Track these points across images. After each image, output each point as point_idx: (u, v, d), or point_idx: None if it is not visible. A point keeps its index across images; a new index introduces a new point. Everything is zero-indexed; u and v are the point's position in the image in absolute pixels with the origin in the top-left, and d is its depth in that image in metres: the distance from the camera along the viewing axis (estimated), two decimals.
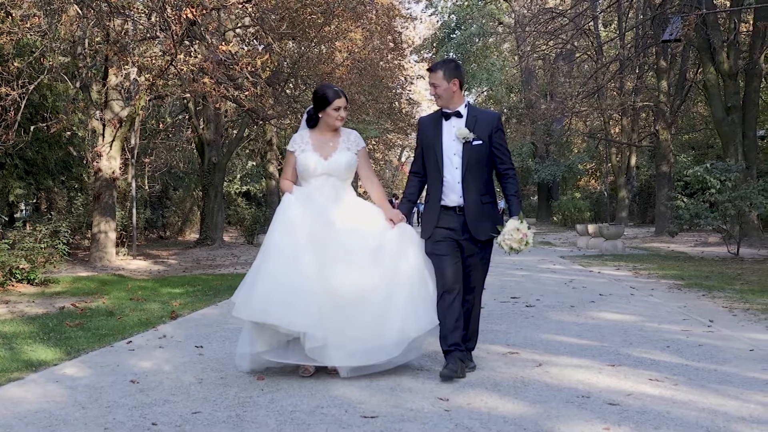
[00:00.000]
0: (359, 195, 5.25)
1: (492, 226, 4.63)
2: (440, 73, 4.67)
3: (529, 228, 4.52)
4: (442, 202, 4.70)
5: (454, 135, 4.67)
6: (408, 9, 25.79)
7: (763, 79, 19.38)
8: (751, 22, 19.01)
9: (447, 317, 4.54)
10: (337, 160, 4.83)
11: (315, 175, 4.81)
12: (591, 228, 18.68)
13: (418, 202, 5.45)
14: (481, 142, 4.64)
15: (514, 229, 4.50)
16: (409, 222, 4.93)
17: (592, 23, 26.99)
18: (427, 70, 4.92)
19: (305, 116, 5.00)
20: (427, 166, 4.82)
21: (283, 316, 4.35)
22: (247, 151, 30.64)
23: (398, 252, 4.66)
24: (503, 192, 4.76)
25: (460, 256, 4.68)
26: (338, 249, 4.61)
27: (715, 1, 19.37)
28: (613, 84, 26.26)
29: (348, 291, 4.54)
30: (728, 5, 18.83)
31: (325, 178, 4.82)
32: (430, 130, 4.80)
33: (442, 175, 4.69)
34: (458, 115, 4.71)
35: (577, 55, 31.37)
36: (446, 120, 4.74)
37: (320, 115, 4.88)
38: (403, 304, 4.54)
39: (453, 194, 4.67)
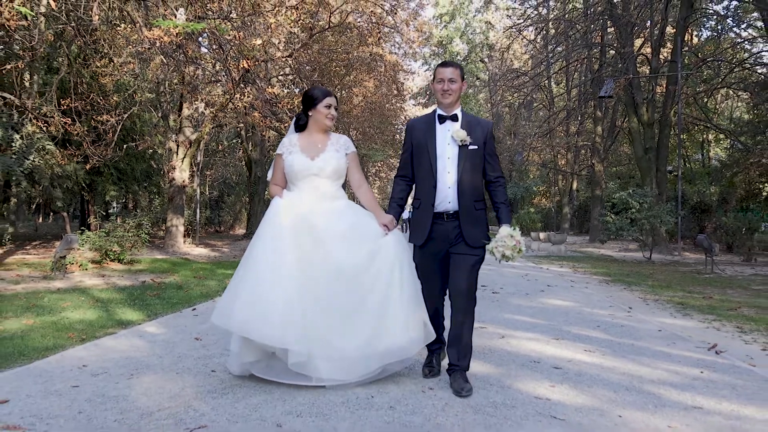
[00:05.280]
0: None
1: (484, 233, 3.48)
2: (459, 70, 3.56)
3: (521, 235, 3.33)
4: (435, 208, 3.49)
5: (449, 138, 3.48)
6: (408, 65, 25.67)
7: (672, 128, 19.38)
8: (665, 85, 19.04)
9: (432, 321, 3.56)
10: (324, 159, 3.61)
11: (302, 176, 3.59)
12: (542, 235, 18.67)
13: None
14: (476, 147, 3.49)
15: (507, 236, 3.37)
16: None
17: (546, 81, 27.07)
18: (441, 65, 3.59)
19: (294, 120, 3.76)
20: (417, 170, 3.58)
21: (262, 331, 3.22)
22: None
23: (392, 259, 3.42)
24: (492, 199, 3.59)
25: (449, 267, 3.52)
26: (326, 255, 3.37)
27: (638, 68, 19.42)
28: (561, 127, 26.27)
29: (336, 300, 3.33)
30: (648, 72, 18.84)
31: (312, 179, 3.59)
32: (421, 132, 3.56)
33: (436, 179, 3.47)
34: (454, 118, 3.53)
35: (535, 104, 31.39)
36: (440, 123, 3.54)
37: (310, 114, 3.68)
38: (394, 314, 3.35)
39: (446, 199, 3.47)
